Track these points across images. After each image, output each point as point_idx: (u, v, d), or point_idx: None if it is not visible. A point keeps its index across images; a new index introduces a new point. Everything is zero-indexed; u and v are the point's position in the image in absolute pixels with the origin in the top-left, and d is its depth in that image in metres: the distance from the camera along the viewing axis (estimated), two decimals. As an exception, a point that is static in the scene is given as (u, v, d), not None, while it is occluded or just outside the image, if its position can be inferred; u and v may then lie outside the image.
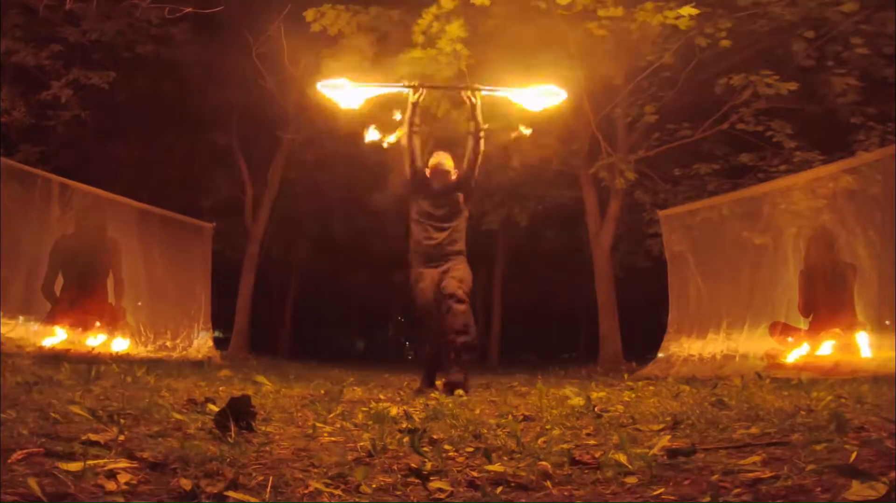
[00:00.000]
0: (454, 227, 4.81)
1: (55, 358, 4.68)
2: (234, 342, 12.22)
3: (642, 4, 7.85)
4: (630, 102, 9.94)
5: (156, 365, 4.88)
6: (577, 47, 9.07)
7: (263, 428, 2.21)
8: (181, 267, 8.63)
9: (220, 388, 3.60)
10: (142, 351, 7.11)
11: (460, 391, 4.02)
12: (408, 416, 2.65)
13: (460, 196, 4.82)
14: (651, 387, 4.09)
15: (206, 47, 11.82)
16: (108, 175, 12.09)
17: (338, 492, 1.44)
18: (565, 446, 1.87)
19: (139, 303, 7.71)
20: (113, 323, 6.86)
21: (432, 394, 3.99)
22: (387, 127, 5.06)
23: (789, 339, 6.26)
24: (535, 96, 5.02)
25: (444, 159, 4.90)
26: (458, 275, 4.59)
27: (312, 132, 12.75)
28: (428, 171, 4.89)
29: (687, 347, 7.37)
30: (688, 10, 7.52)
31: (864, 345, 5.60)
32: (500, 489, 1.47)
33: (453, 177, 4.86)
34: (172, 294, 8.32)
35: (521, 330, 23.28)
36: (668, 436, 1.88)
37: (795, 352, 6.11)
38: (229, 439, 1.85)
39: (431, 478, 1.55)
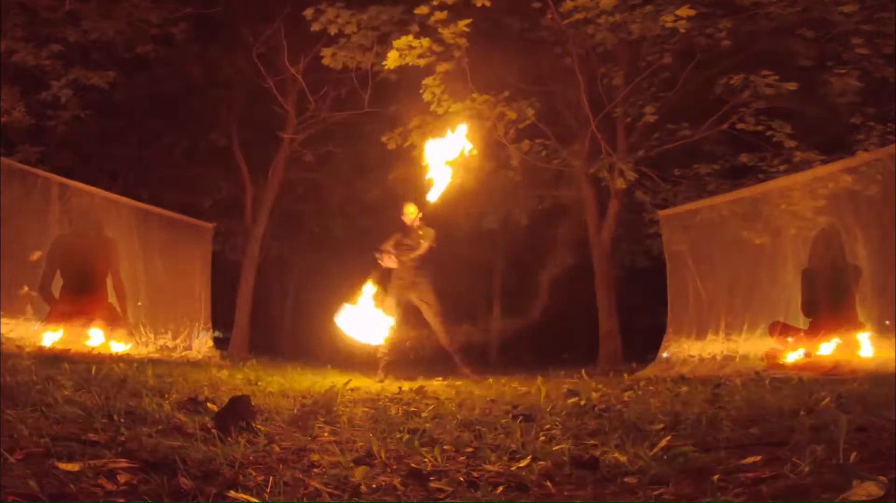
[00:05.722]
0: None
1: (55, 358, 4.68)
2: (234, 342, 12.20)
3: (643, 8, 7.86)
4: (630, 102, 9.94)
5: (156, 365, 4.88)
6: (578, 47, 9.07)
7: (263, 428, 2.20)
8: (181, 267, 8.63)
9: (221, 388, 3.59)
10: (142, 351, 7.10)
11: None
12: (408, 416, 2.65)
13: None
14: (651, 387, 4.08)
15: (206, 47, 11.81)
16: (108, 175, 12.10)
17: (338, 492, 1.44)
18: (565, 446, 1.87)
19: (139, 303, 7.70)
20: (113, 323, 6.84)
21: (431, 394, 3.99)
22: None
23: (789, 339, 6.25)
24: None
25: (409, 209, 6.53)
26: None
27: (312, 132, 12.76)
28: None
29: (686, 348, 7.36)
30: (685, 12, 7.54)
31: (865, 345, 5.60)
32: (500, 489, 1.47)
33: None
34: (172, 294, 8.31)
35: (520, 329, 23.24)
36: (668, 437, 1.88)
37: (795, 353, 6.10)
38: (229, 439, 1.85)
39: (431, 478, 1.55)
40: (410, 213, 6.54)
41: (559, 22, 8.55)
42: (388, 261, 6.33)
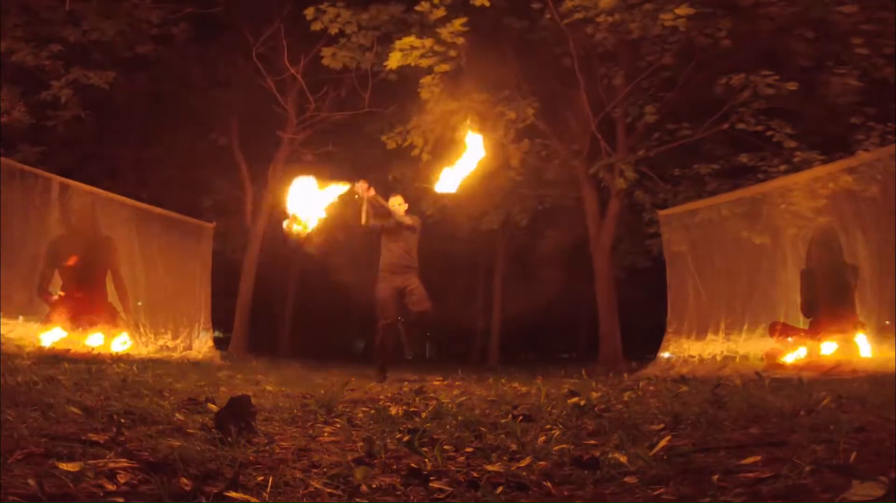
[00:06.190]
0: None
1: (55, 358, 4.68)
2: (234, 342, 12.22)
3: (641, 7, 7.87)
4: (630, 102, 9.94)
5: (156, 365, 4.88)
6: (578, 47, 9.08)
7: (263, 428, 2.20)
8: (181, 267, 8.62)
9: (221, 388, 3.59)
10: (142, 351, 7.10)
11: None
12: (408, 416, 2.65)
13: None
14: (651, 387, 4.08)
15: (206, 47, 11.82)
16: (108, 175, 12.10)
17: (338, 492, 1.44)
18: (565, 446, 1.87)
19: (139, 303, 7.70)
20: (112, 322, 6.84)
21: (431, 394, 3.99)
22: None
23: (789, 339, 6.25)
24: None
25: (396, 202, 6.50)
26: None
27: (312, 132, 12.76)
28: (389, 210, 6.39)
29: (686, 348, 7.35)
30: (684, 10, 7.55)
31: (864, 345, 5.60)
32: (500, 489, 1.47)
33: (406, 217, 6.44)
34: (173, 294, 8.31)
35: (520, 330, 23.29)
36: (668, 436, 1.88)
37: (795, 352, 6.10)
38: (229, 439, 1.85)
39: (431, 478, 1.55)
40: (397, 203, 6.59)
41: (559, 22, 8.56)
42: (364, 189, 6.22)
